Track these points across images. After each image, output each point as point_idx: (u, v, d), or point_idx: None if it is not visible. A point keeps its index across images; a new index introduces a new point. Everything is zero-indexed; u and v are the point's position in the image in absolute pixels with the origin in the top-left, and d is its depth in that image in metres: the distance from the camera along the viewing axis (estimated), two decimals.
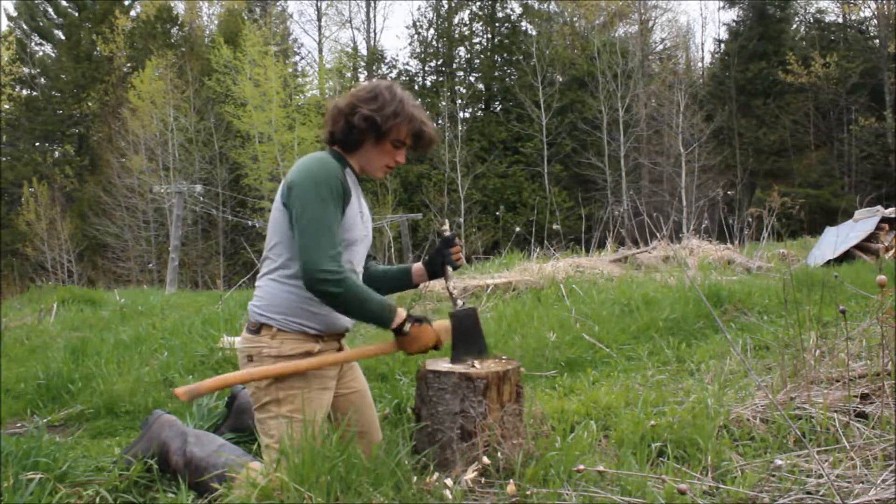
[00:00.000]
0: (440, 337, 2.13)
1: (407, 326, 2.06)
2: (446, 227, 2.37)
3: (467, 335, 2.20)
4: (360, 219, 2.16)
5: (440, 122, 28.53)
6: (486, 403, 2.10)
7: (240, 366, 2.16)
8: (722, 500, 1.87)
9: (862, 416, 2.41)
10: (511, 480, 1.97)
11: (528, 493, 1.90)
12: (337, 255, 1.96)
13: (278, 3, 32.80)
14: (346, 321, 2.21)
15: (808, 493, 1.83)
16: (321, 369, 2.13)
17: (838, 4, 29.02)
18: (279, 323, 2.09)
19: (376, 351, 2.21)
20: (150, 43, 28.18)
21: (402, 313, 2.06)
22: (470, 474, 2.02)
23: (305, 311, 2.09)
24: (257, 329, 2.12)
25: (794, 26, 31.37)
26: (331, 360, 2.10)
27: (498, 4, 31.61)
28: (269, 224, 2.16)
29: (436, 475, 1.98)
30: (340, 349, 2.27)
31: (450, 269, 2.32)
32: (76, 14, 31.12)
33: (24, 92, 30.97)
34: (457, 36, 31.78)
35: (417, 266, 2.39)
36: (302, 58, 34.70)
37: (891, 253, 9.18)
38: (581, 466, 2.01)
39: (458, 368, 2.15)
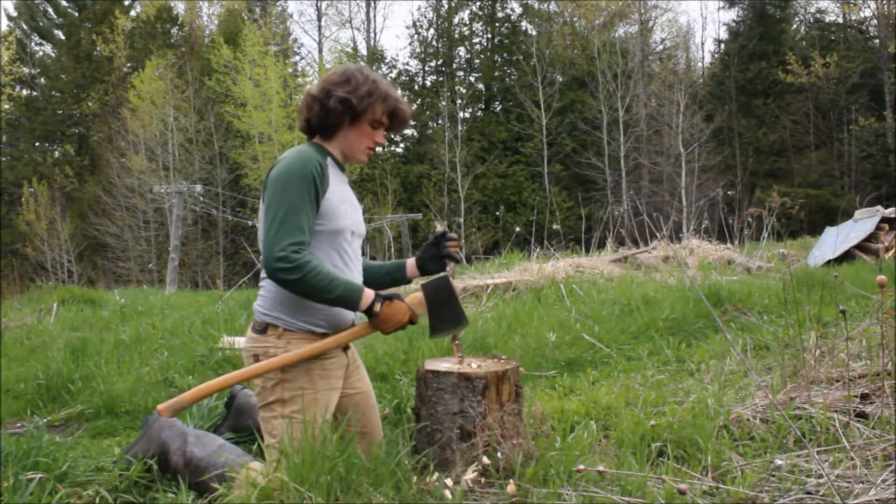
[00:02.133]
0: (414, 311, 2.08)
1: (377, 307, 2.02)
2: (437, 224, 2.38)
3: (441, 306, 2.13)
4: (345, 207, 2.13)
5: (440, 122, 28.54)
6: (486, 403, 2.10)
7: (245, 366, 2.15)
8: (722, 500, 1.87)
9: (862, 416, 2.41)
10: (511, 480, 1.97)
11: (528, 493, 1.90)
12: (298, 244, 1.93)
13: (278, 3, 32.80)
14: (351, 318, 2.20)
15: (808, 493, 1.83)
16: (326, 369, 2.13)
17: (838, 4, 29.04)
18: (285, 322, 2.08)
19: (353, 335, 2.12)
20: (150, 43, 28.18)
21: (369, 294, 2.02)
22: (470, 474, 2.02)
23: (310, 307, 2.08)
24: (263, 329, 2.11)
25: (794, 26, 31.38)
26: (304, 353, 2.04)
27: (498, 4, 31.60)
28: (259, 222, 2.16)
29: (436, 475, 1.98)
30: (346, 349, 2.26)
31: (451, 263, 2.31)
32: (76, 14, 31.13)
33: (24, 92, 30.98)
34: (457, 36, 31.77)
35: (411, 262, 2.39)
36: (302, 58, 34.73)
37: (891, 253, 9.18)
38: (581, 466, 2.01)
39: (457, 368, 2.15)
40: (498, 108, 31.40)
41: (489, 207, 26.80)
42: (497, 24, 31.72)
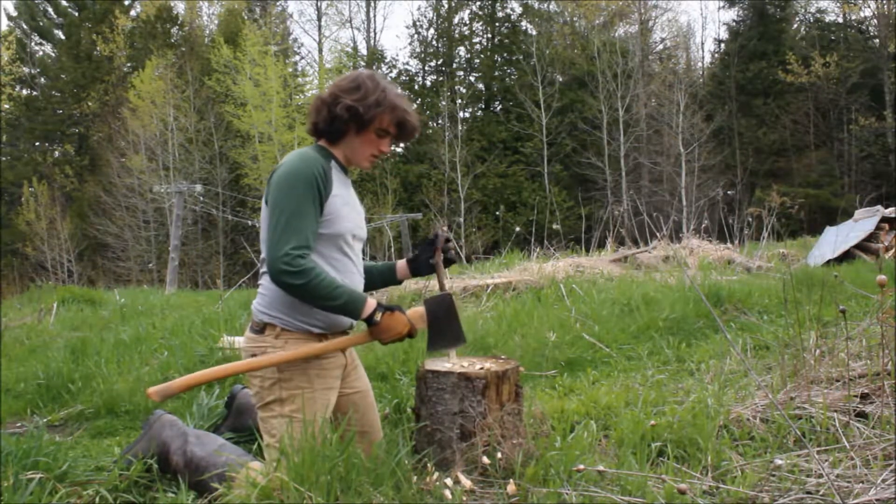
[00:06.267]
0: (414, 324, 2.11)
1: (377, 316, 2.04)
2: (437, 228, 2.38)
3: (441, 321, 2.17)
4: (348, 210, 2.14)
5: (440, 122, 28.54)
6: (486, 403, 2.10)
7: None
8: (722, 500, 1.87)
9: (862, 416, 2.41)
10: (511, 480, 1.97)
11: (528, 493, 1.90)
12: (302, 248, 1.95)
13: (278, 3, 32.80)
14: (348, 321, 2.20)
15: (808, 492, 1.83)
16: (324, 368, 2.13)
17: (838, 4, 29.04)
18: (283, 322, 2.09)
19: (351, 342, 2.16)
20: (150, 43, 28.18)
21: (371, 303, 2.04)
22: (465, 481, 2.01)
23: (307, 307, 2.08)
24: (261, 329, 2.12)
25: (794, 26, 31.39)
26: (303, 352, 2.06)
27: (498, 4, 31.62)
28: (261, 222, 2.16)
29: (436, 475, 1.98)
30: (344, 350, 2.26)
31: (441, 265, 2.31)
32: (76, 14, 31.12)
33: (24, 92, 30.98)
34: (457, 36, 31.79)
35: (402, 263, 2.40)
36: (302, 58, 34.70)
37: (891, 253, 9.18)
38: (581, 466, 2.00)
39: (457, 368, 2.16)
40: (498, 108, 31.41)
41: (489, 207, 26.81)
42: (497, 24, 31.74)
